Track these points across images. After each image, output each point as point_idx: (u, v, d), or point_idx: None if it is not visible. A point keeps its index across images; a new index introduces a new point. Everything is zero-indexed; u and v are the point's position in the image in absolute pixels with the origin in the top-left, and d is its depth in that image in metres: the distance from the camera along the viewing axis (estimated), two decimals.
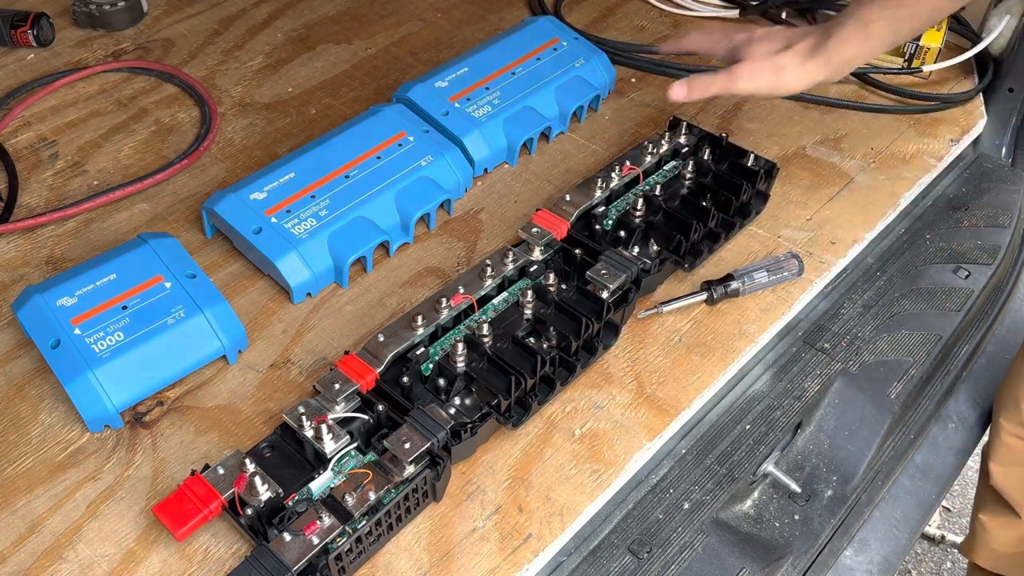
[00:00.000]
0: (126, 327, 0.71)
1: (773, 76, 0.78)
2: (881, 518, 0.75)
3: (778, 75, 0.78)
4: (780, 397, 0.76)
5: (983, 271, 0.88)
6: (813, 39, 0.78)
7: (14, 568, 0.62)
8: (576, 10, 1.18)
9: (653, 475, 0.71)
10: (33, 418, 0.71)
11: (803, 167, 0.95)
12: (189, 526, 0.61)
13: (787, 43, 0.78)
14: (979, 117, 1.02)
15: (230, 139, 0.98)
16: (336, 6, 1.18)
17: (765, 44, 0.79)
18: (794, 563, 0.67)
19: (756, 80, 0.78)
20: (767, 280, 0.80)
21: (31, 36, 1.07)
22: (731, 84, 0.79)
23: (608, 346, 0.75)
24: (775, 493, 0.71)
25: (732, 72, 0.79)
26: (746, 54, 0.80)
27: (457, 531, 0.64)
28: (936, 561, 1.57)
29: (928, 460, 0.81)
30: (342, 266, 0.80)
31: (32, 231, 0.87)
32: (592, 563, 0.65)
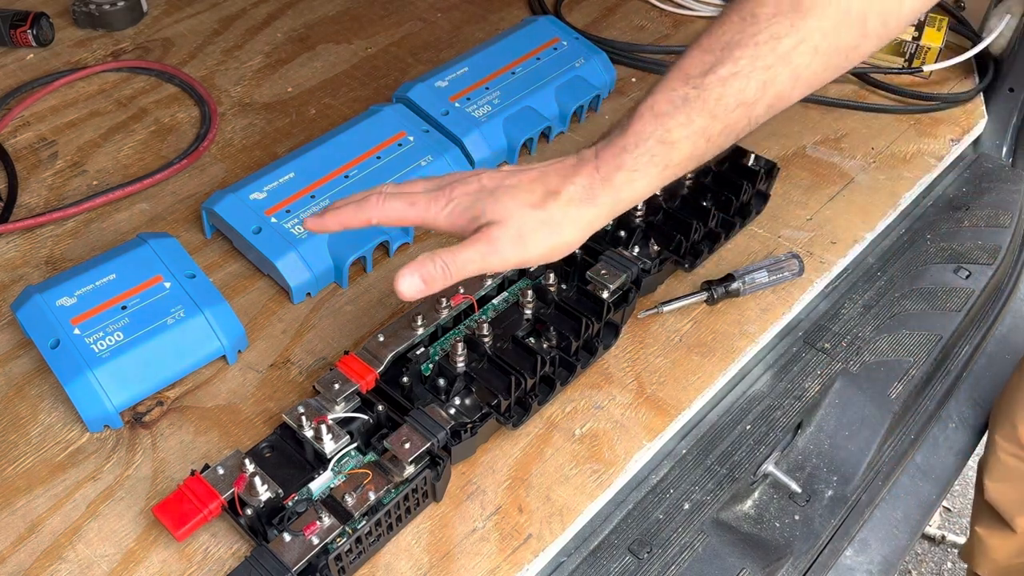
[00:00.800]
0: (126, 327, 0.71)
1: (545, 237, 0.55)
2: (881, 518, 0.75)
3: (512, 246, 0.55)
4: (780, 397, 0.76)
5: (984, 271, 0.88)
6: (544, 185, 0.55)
7: (14, 568, 0.62)
8: (576, 10, 1.18)
9: (653, 475, 0.71)
10: (33, 418, 0.71)
11: (803, 167, 0.95)
12: (189, 526, 0.61)
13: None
14: (979, 117, 1.02)
15: (230, 139, 0.98)
16: (336, 6, 1.18)
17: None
18: (794, 563, 0.67)
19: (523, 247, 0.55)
20: (767, 280, 0.80)
21: (31, 36, 1.07)
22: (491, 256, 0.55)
23: (608, 346, 0.75)
24: (775, 493, 0.71)
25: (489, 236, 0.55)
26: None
27: (457, 531, 0.64)
28: (936, 561, 1.57)
29: (928, 460, 0.80)
30: (342, 266, 0.80)
31: (32, 231, 0.86)
32: (592, 563, 0.65)
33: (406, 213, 0.57)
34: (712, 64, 0.51)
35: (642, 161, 0.53)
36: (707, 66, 0.51)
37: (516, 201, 0.54)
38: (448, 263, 0.54)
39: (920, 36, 1.05)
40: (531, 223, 0.54)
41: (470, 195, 0.56)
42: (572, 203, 0.54)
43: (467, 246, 0.55)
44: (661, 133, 0.52)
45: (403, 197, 0.57)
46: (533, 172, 0.56)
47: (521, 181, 0.55)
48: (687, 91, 0.51)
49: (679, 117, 0.52)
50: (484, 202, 0.55)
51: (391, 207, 0.57)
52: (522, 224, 0.54)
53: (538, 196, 0.54)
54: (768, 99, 0.52)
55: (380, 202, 0.57)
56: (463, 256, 0.55)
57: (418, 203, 0.57)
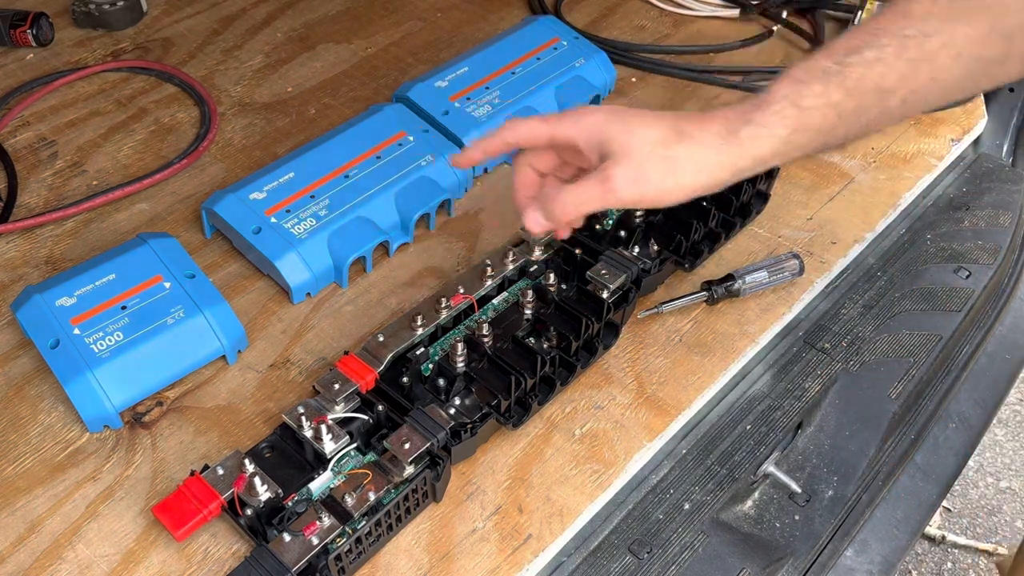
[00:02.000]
0: (125, 327, 0.71)
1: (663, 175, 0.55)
2: (882, 518, 0.75)
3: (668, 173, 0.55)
4: (780, 397, 0.76)
5: (984, 271, 0.88)
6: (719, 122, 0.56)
7: (13, 568, 0.62)
8: (576, 10, 1.18)
9: (653, 475, 0.71)
10: (32, 418, 0.71)
11: (803, 167, 0.95)
12: (189, 526, 0.61)
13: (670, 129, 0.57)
14: (980, 117, 1.02)
15: (230, 139, 0.98)
16: (336, 6, 1.18)
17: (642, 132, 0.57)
18: (794, 563, 0.67)
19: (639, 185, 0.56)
20: (767, 280, 0.80)
21: (30, 36, 1.07)
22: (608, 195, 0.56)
23: (608, 346, 0.75)
24: (775, 493, 0.71)
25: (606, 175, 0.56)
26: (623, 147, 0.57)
27: (457, 531, 0.64)
28: (936, 561, 1.57)
29: (929, 460, 0.80)
30: (342, 266, 0.80)
31: (31, 231, 0.86)
32: (592, 563, 0.65)
33: (541, 129, 0.60)
34: (858, 46, 0.52)
35: (771, 119, 0.53)
36: (853, 48, 0.52)
37: (643, 132, 0.55)
38: (567, 202, 0.57)
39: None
40: (652, 160, 0.55)
41: (600, 113, 0.57)
42: (697, 144, 0.55)
43: (586, 185, 0.56)
44: (794, 97, 0.53)
45: (536, 116, 0.61)
46: (666, 114, 0.57)
47: (650, 117, 0.57)
48: (828, 64, 0.52)
49: (815, 86, 0.52)
50: (614, 126, 0.56)
51: (527, 124, 0.60)
52: (643, 161, 0.55)
53: (665, 132, 0.55)
54: (904, 92, 0.52)
55: (515, 123, 0.61)
56: (583, 195, 0.57)
57: (551, 119, 0.59)
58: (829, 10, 1.16)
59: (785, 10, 1.15)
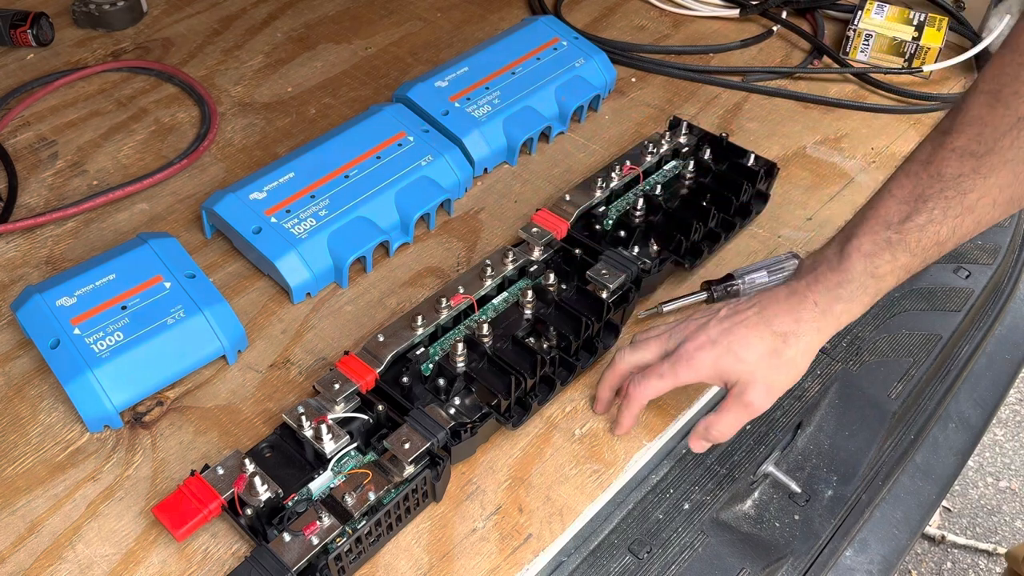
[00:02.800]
0: (126, 327, 0.71)
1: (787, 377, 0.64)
2: (881, 518, 0.75)
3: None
4: (780, 397, 0.76)
5: (983, 271, 0.88)
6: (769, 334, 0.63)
7: (13, 568, 0.62)
8: (576, 10, 1.18)
9: (653, 475, 0.71)
10: (33, 418, 0.71)
11: (803, 167, 0.95)
12: (189, 526, 0.61)
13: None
14: None
15: (230, 139, 0.98)
16: (336, 6, 1.18)
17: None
18: (794, 563, 0.67)
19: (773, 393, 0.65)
20: (767, 280, 0.80)
21: (31, 36, 1.07)
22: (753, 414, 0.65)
23: (608, 346, 0.75)
24: (775, 493, 0.71)
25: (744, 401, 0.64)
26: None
27: (457, 531, 0.64)
28: (936, 561, 1.57)
29: (928, 460, 0.80)
30: (342, 266, 0.80)
31: (32, 231, 0.86)
32: (592, 563, 0.65)
33: (662, 387, 0.65)
34: (909, 213, 0.59)
35: (856, 294, 0.61)
36: (904, 215, 0.59)
37: (754, 354, 0.62)
38: (723, 431, 0.65)
39: (920, 36, 1.05)
40: (774, 372, 0.63)
41: (707, 352, 0.64)
42: (802, 339, 0.62)
43: (728, 412, 0.64)
44: (872, 269, 0.60)
45: (652, 375, 0.66)
46: (752, 312, 0.64)
47: (748, 325, 0.63)
48: (890, 235, 0.59)
49: (885, 256, 0.60)
50: (724, 361, 0.63)
51: (651, 388, 0.66)
52: (767, 375, 0.63)
53: (771, 342, 0.62)
54: (956, 238, 0.60)
55: (640, 389, 0.66)
56: (733, 421, 0.64)
57: (666, 375, 0.65)
58: (829, 10, 1.16)
59: (785, 10, 1.15)
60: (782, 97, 1.04)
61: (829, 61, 1.09)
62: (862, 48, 1.08)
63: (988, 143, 0.57)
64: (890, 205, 0.59)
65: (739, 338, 0.63)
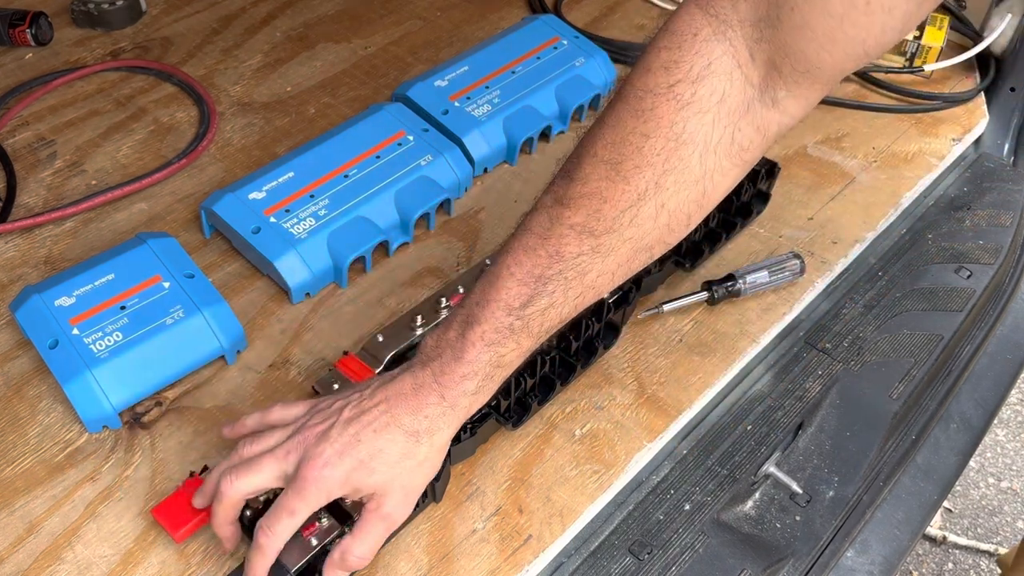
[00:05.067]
0: (124, 327, 0.71)
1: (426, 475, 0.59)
2: (882, 519, 0.74)
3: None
4: (781, 397, 0.76)
5: (985, 271, 0.88)
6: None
7: (12, 569, 0.61)
8: (576, 9, 1.17)
9: (654, 476, 0.70)
10: (31, 418, 0.71)
11: (804, 166, 0.95)
12: (188, 527, 0.61)
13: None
14: (981, 116, 1.02)
15: (229, 138, 0.97)
16: (335, 5, 1.18)
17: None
18: (795, 564, 0.67)
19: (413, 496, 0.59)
20: (768, 280, 0.80)
21: (29, 35, 1.07)
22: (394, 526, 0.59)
23: (608, 346, 0.75)
24: (776, 494, 0.71)
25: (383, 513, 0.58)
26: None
27: (457, 532, 0.64)
28: (938, 562, 1.57)
29: (930, 461, 0.80)
30: (341, 266, 0.79)
31: (30, 231, 0.86)
32: (592, 564, 0.65)
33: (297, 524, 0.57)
34: (530, 296, 0.56)
35: (483, 384, 0.58)
36: (525, 298, 0.56)
37: (387, 461, 0.56)
38: (365, 553, 0.57)
39: (921, 36, 1.05)
40: (409, 475, 0.58)
41: (335, 468, 0.56)
42: (434, 436, 0.57)
43: (368, 531, 0.58)
44: (496, 359, 0.57)
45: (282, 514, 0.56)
46: (378, 412, 0.57)
47: (378, 429, 0.56)
48: (512, 321, 0.56)
49: (509, 344, 0.57)
50: (357, 475, 0.56)
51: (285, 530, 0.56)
52: (402, 481, 0.57)
53: (403, 445, 0.57)
54: (578, 311, 0.59)
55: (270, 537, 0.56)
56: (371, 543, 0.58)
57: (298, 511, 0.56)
58: None
59: None
60: None
61: None
62: None
63: (607, 222, 0.55)
64: (511, 287, 0.56)
65: (369, 446, 0.56)
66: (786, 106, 0.56)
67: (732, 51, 0.54)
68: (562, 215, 0.56)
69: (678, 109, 0.54)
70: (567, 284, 0.56)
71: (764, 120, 0.56)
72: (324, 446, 0.56)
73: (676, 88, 0.54)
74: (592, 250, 0.56)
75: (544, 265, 0.56)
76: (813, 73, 0.53)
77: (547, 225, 0.56)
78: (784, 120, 0.57)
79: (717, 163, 0.56)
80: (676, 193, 0.56)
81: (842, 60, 0.53)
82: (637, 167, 0.55)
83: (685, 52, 0.55)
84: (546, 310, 0.57)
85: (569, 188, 0.56)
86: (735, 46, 0.54)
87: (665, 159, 0.55)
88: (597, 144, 0.56)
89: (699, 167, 0.55)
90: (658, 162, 0.55)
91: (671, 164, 0.55)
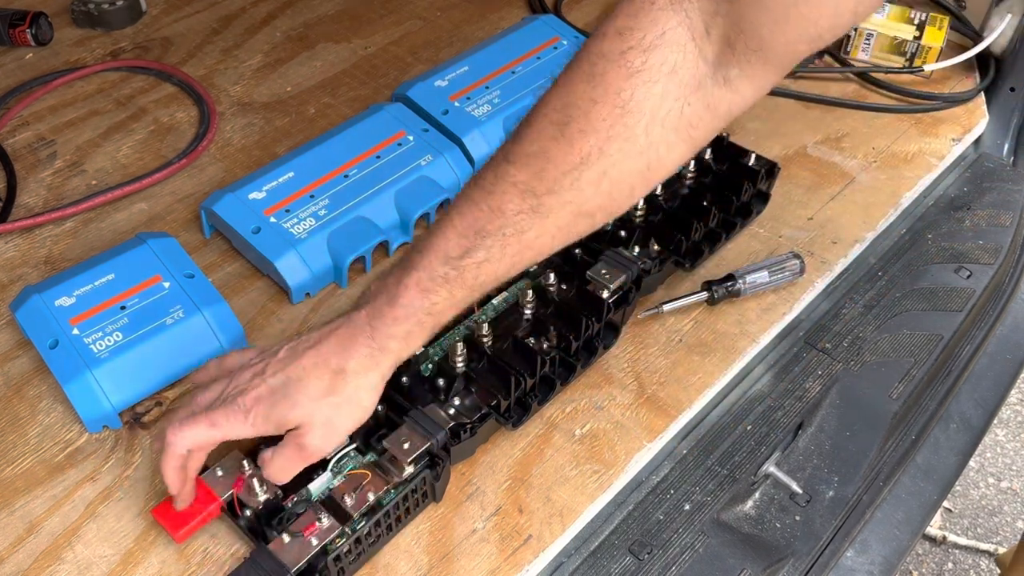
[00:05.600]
0: (125, 327, 0.71)
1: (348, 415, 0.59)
2: (882, 519, 0.74)
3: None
4: (781, 397, 0.76)
5: (985, 271, 0.88)
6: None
7: (12, 569, 0.61)
8: (576, 9, 1.17)
9: (654, 476, 0.70)
10: (31, 418, 0.71)
11: (804, 167, 0.95)
12: (188, 528, 0.61)
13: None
14: (981, 116, 1.02)
15: (229, 138, 0.97)
16: (335, 5, 1.18)
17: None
18: (795, 564, 0.67)
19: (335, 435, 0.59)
20: (768, 280, 0.80)
21: (29, 35, 1.07)
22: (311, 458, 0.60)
23: (608, 346, 0.75)
24: (776, 494, 0.71)
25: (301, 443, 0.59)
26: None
27: (457, 532, 0.64)
28: (938, 562, 1.57)
29: (930, 461, 0.80)
30: (341, 266, 0.79)
31: (30, 231, 0.86)
32: (592, 564, 0.65)
33: (213, 436, 0.58)
34: (467, 248, 0.57)
35: (412, 330, 0.58)
36: (463, 250, 0.57)
37: (309, 395, 0.57)
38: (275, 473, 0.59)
39: (921, 36, 1.05)
40: (331, 410, 0.58)
41: (264, 401, 0.58)
42: (359, 375, 0.58)
43: (283, 455, 0.58)
44: (428, 306, 0.58)
45: (200, 420, 0.58)
46: (311, 354, 0.58)
47: (305, 368, 0.58)
48: (447, 271, 0.57)
49: (442, 292, 0.57)
50: (281, 407, 0.57)
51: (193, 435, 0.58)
52: (325, 415, 0.58)
53: (327, 382, 0.57)
54: (516, 271, 0.59)
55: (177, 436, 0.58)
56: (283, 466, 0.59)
57: (219, 423, 0.58)
58: None
59: None
60: (783, 96, 1.03)
61: (830, 60, 1.09)
62: (863, 47, 1.08)
63: (549, 182, 0.56)
64: (451, 237, 0.57)
65: (295, 383, 0.57)
66: (738, 86, 0.55)
67: (688, 23, 0.53)
68: (508, 172, 0.56)
69: (627, 76, 0.54)
70: (505, 240, 0.57)
71: (715, 98, 0.56)
72: (256, 381, 0.58)
73: (628, 55, 0.54)
74: (532, 209, 0.56)
75: (485, 219, 0.56)
76: (766, 52, 0.53)
77: (492, 180, 0.57)
78: (736, 100, 0.56)
79: (663, 136, 0.56)
80: (619, 162, 0.56)
81: (795, 40, 0.53)
82: (582, 131, 0.55)
83: (641, 20, 0.54)
84: (482, 264, 0.57)
85: (517, 146, 0.57)
86: (691, 18, 0.53)
87: (610, 125, 0.55)
88: (548, 105, 0.56)
89: (644, 138, 0.55)
90: (603, 128, 0.55)
91: (615, 131, 0.55)
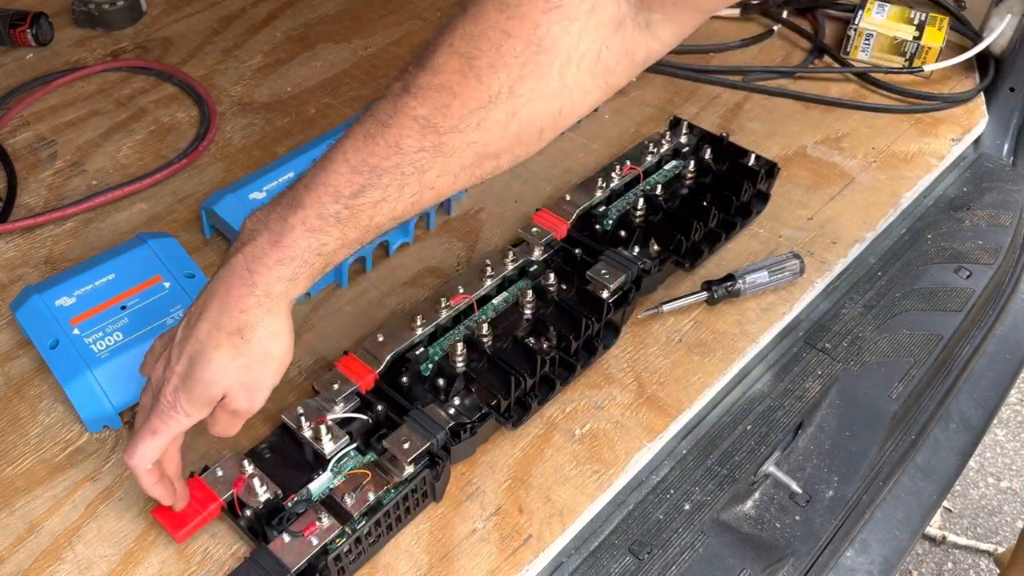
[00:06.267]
0: (125, 327, 0.71)
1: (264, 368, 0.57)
2: (882, 519, 0.75)
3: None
4: (781, 397, 0.76)
5: (984, 271, 0.88)
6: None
7: (13, 569, 0.61)
8: None
9: (654, 476, 0.70)
10: (32, 418, 0.71)
11: (804, 167, 0.95)
12: (188, 528, 0.61)
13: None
14: (980, 116, 1.02)
15: (229, 139, 0.97)
16: (335, 5, 1.18)
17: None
18: (795, 564, 0.67)
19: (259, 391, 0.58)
20: (768, 280, 0.80)
21: (30, 35, 1.07)
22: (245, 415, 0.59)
23: (608, 346, 0.75)
24: (776, 494, 0.71)
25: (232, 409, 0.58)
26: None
27: (457, 532, 0.64)
28: (937, 562, 1.57)
29: (929, 461, 0.80)
30: (342, 266, 0.79)
31: (31, 231, 0.86)
32: (592, 564, 0.65)
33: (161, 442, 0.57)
34: (362, 186, 0.52)
35: (299, 270, 0.54)
36: (357, 187, 0.52)
37: (216, 368, 0.55)
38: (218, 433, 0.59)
39: (921, 36, 1.05)
40: (243, 373, 0.55)
41: (181, 390, 0.55)
42: (255, 328, 0.55)
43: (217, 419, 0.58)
44: (317, 247, 0.54)
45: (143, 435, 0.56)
46: (202, 325, 0.55)
47: (201, 342, 0.55)
48: (339, 209, 0.53)
49: (333, 233, 0.53)
50: (197, 390, 0.55)
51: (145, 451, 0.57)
52: (240, 380, 0.56)
53: (227, 348, 0.54)
54: (415, 211, 0.55)
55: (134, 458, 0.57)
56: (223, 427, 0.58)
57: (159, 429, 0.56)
58: (829, 9, 1.16)
59: (785, 9, 1.15)
60: (783, 97, 1.04)
61: (830, 61, 1.09)
62: (863, 48, 1.08)
63: (453, 120, 0.51)
64: (343, 173, 0.52)
65: (199, 363, 0.54)
66: (658, 31, 0.53)
67: None
68: (408, 105, 0.52)
69: (545, 11, 0.50)
70: (403, 180, 0.53)
71: (634, 43, 0.53)
72: (168, 373, 0.56)
73: None
74: (434, 148, 0.52)
75: (381, 155, 0.52)
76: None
77: (390, 113, 0.52)
78: (654, 46, 0.54)
79: (578, 79, 0.53)
80: (530, 102, 0.53)
81: None
82: (492, 66, 0.51)
83: None
84: (378, 203, 0.53)
85: (419, 76, 0.52)
86: None
87: (523, 63, 0.51)
88: (455, 33, 0.52)
89: (558, 80, 0.52)
90: (515, 65, 0.51)
91: (528, 70, 0.51)
